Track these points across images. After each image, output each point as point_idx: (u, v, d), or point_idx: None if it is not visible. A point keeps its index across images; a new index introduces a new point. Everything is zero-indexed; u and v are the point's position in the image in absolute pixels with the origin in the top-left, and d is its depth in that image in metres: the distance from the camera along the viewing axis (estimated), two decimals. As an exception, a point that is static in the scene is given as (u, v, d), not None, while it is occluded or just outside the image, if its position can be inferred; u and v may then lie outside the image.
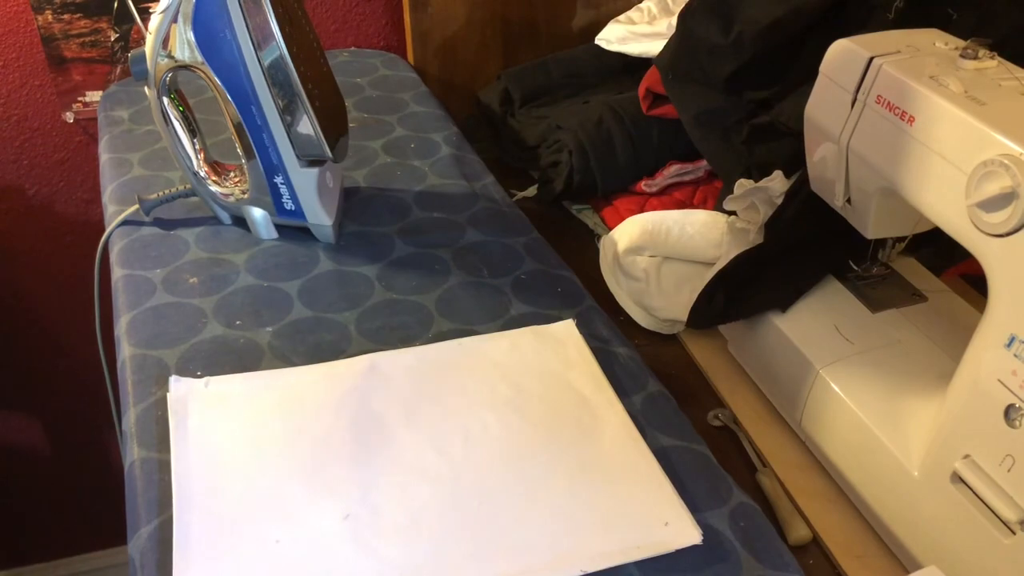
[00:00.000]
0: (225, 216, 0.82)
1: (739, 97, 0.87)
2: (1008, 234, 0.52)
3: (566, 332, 0.71)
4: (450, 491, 0.57)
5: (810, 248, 0.75)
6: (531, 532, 0.55)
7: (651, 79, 0.95)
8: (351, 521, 0.55)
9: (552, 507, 0.56)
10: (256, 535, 0.54)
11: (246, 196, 0.80)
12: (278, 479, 0.57)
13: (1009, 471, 0.53)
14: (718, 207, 0.87)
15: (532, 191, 1.02)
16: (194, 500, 0.56)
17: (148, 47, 0.73)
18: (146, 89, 0.76)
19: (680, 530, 0.55)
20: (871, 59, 0.61)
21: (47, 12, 1.13)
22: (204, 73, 0.73)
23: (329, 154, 0.75)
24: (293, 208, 0.79)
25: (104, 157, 0.94)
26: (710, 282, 0.76)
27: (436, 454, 0.60)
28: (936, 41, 0.63)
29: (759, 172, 0.81)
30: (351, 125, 0.84)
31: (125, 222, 0.82)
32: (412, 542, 0.54)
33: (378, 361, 0.67)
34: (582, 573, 0.52)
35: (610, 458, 0.60)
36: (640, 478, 0.59)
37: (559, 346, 0.69)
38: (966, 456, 0.56)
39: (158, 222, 0.83)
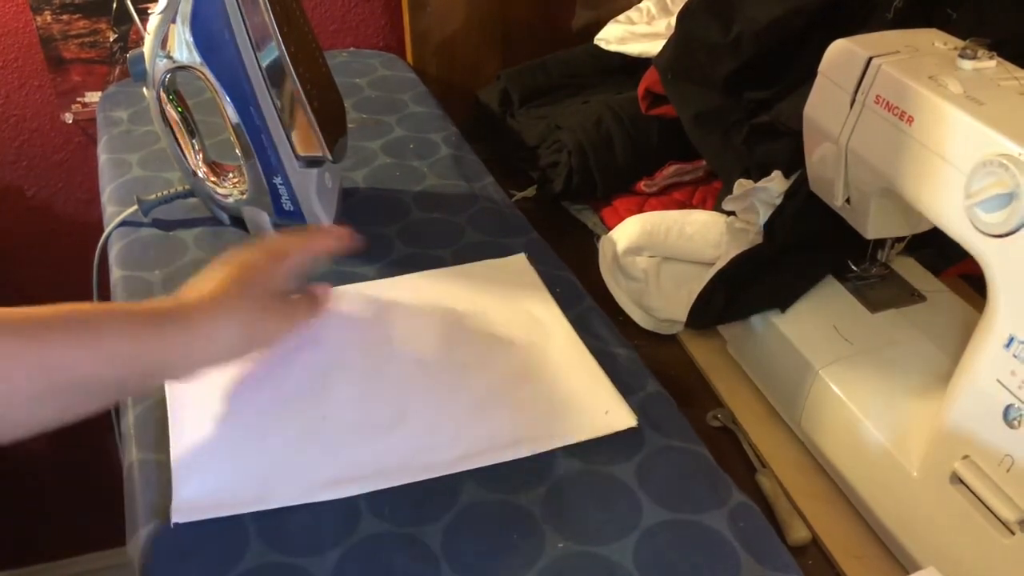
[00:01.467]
0: (224, 217, 0.82)
1: (738, 97, 0.87)
2: (1007, 234, 0.52)
3: (518, 264, 0.78)
4: (414, 391, 0.65)
5: (809, 248, 0.75)
6: (488, 422, 0.62)
7: (650, 79, 0.95)
8: (329, 421, 0.62)
9: (505, 401, 0.64)
10: (246, 436, 0.60)
11: (245, 197, 0.80)
12: (261, 397, 0.64)
13: (1008, 471, 0.53)
14: (717, 207, 0.87)
15: (532, 191, 1.02)
16: (186, 417, 0.61)
17: (147, 48, 0.73)
18: (145, 90, 0.76)
19: (619, 416, 0.63)
20: (870, 59, 0.61)
21: (46, 13, 1.13)
22: (203, 74, 0.72)
23: (328, 155, 0.75)
24: (292, 209, 0.79)
25: (103, 158, 0.94)
26: (709, 282, 0.76)
27: (398, 364, 0.67)
28: (935, 41, 0.63)
29: (758, 172, 0.81)
30: (350, 125, 0.83)
31: (124, 223, 0.82)
32: (385, 436, 0.61)
33: (340, 293, 0.73)
34: (533, 452, 0.60)
35: (556, 361, 0.67)
36: (582, 376, 0.66)
37: (512, 276, 0.76)
38: (965, 456, 0.56)
39: (157, 223, 0.83)
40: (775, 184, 0.77)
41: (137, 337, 0.54)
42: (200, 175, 0.80)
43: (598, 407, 0.64)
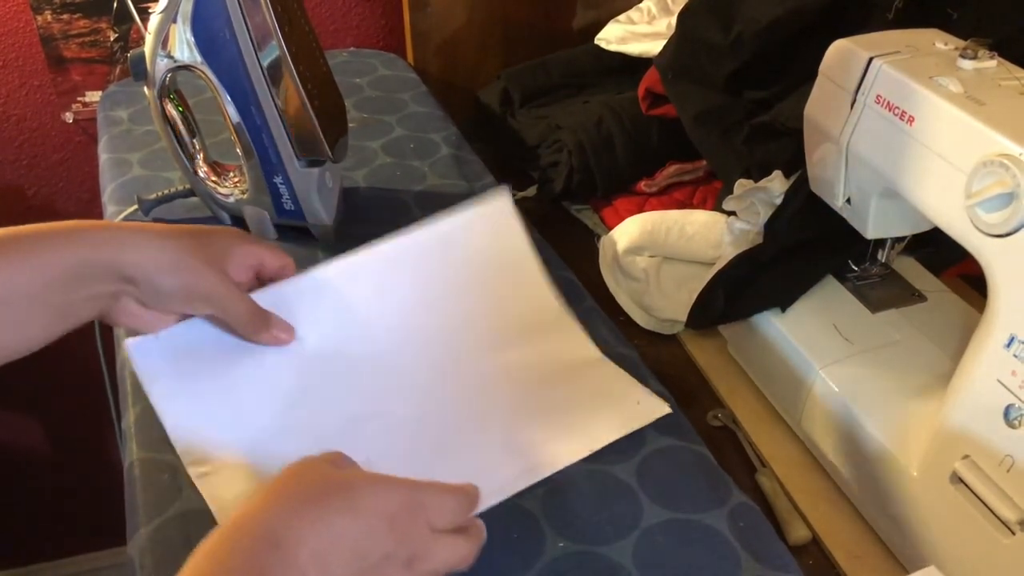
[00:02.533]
0: (225, 216, 0.82)
1: (739, 97, 0.87)
2: (1008, 234, 0.52)
3: (501, 218, 0.69)
4: (442, 415, 0.61)
5: (810, 248, 0.75)
6: (529, 435, 0.59)
7: (651, 79, 0.95)
8: (374, 465, 0.54)
9: (537, 411, 0.61)
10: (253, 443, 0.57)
11: (245, 196, 0.80)
12: (256, 396, 0.60)
13: (1008, 471, 0.53)
14: (718, 207, 0.87)
15: (532, 191, 1.02)
16: (182, 422, 0.58)
17: (147, 47, 0.73)
18: (145, 89, 0.76)
19: (652, 405, 0.62)
20: (871, 59, 0.61)
21: (46, 12, 1.13)
22: (203, 73, 0.72)
23: (329, 154, 0.75)
24: (292, 208, 0.79)
25: (104, 157, 0.94)
26: (710, 282, 0.76)
27: (412, 383, 0.63)
28: (936, 41, 0.63)
29: (759, 172, 0.81)
30: (351, 125, 0.83)
31: (125, 222, 0.83)
32: (432, 470, 0.51)
33: (318, 275, 0.65)
34: (587, 454, 0.58)
35: (571, 360, 0.65)
36: (598, 373, 0.65)
37: (498, 242, 0.69)
38: (966, 456, 0.56)
39: (158, 222, 0.83)
40: (775, 184, 0.77)
41: (70, 241, 0.55)
42: (201, 175, 0.80)
43: (628, 399, 0.63)
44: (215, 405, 0.60)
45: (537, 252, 0.69)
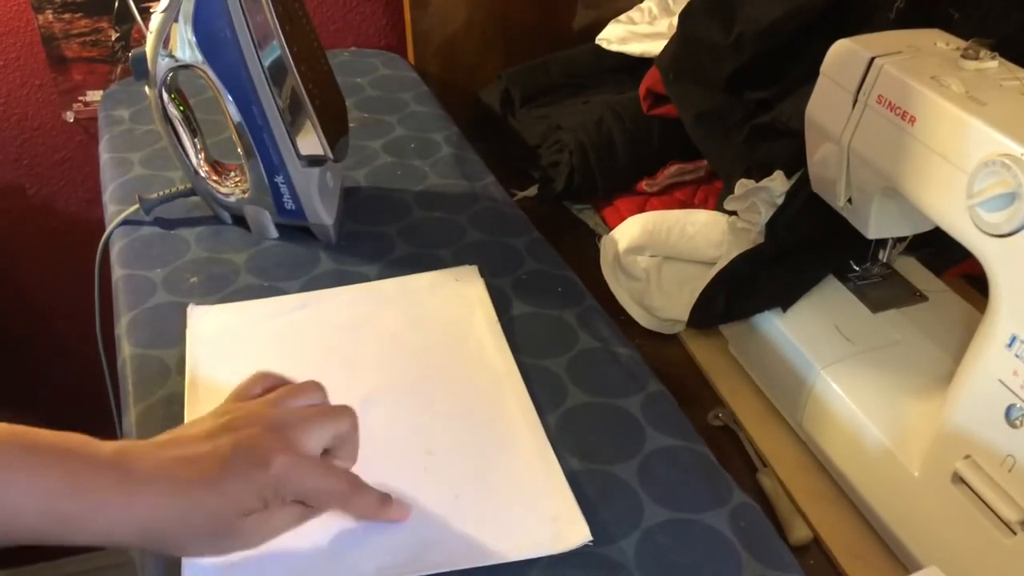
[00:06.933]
0: (226, 216, 0.82)
1: (740, 97, 0.87)
2: (1009, 234, 0.52)
3: (469, 278, 0.75)
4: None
5: (811, 248, 0.75)
6: (422, 529, 0.54)
7: (652, 79, 0.95)
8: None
9: (443, 496, 0.56)
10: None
11: (246, 196, 0.80)
12: None
13: (1010, 471, 0.53)
14: (719, 207, 0.87)
15: (532, 191, 1.02)
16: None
17: (149, 47, 0.73)
18: (146, 89, 0.76)
19: (569, 528, 0.54)
20: (872, 59, 0.61)
21: (47, 12, 1.13)
22: (204, 73, 0.72)
23: (330, 154, 0.75)
24: (293, 208, 0.79)
25: (104, 157, 0.94)
26: (711, 282, 0.76)
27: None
28: (937, 41, 0.63)
29: (760, 172, 0.81)
30: (351, 125, 0.83)
31: (125, 222, 0.82)
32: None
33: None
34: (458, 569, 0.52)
35: (510, 450, 0.60)
36: (534, 467, 0.58)
37: (461, 295, 0.73)
38: (967, 456, 0.56)
39: (158, 222, 0.83)
40: (777, 184, 0.77)
41: (47, 479, 0.45)
42: (202, 174, 0.80)
43: (544, 511, 0.55)
44: None
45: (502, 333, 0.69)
